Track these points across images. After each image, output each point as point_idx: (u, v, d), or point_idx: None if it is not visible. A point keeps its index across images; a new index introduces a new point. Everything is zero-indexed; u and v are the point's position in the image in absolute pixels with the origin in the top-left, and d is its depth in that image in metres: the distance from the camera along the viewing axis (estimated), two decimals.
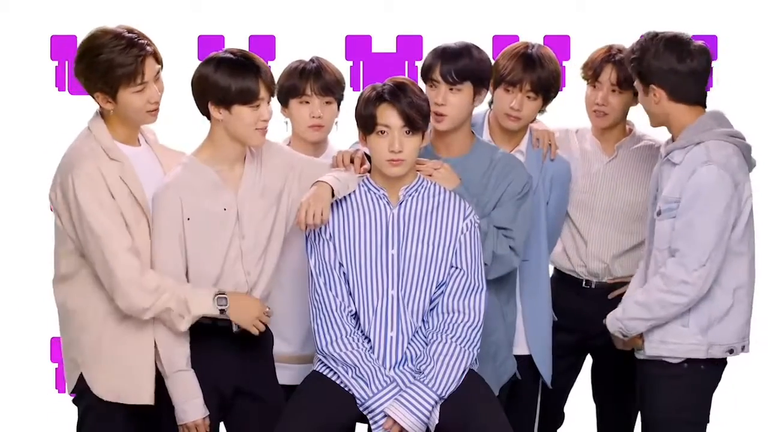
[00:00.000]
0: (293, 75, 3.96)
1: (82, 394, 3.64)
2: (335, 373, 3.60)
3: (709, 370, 3.72)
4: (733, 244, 3.66)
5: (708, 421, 3.79)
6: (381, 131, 3.59)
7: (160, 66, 3.62)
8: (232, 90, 3.54)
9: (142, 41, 3.58)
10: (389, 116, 3.58)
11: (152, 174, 3.64)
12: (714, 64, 5.27)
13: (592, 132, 4.27)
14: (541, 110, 4.04)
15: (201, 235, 3.59)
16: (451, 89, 3.79)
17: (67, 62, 5.41)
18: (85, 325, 3.62)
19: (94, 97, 3.62)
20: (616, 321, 3.77)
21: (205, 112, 3.63)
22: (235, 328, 3.64)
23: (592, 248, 4.20)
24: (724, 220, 3.60)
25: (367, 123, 3.61)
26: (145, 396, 3.61)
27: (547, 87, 3.96)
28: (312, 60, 4.02)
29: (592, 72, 4.16)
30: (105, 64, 3.53)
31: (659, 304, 3.65)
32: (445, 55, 3.82)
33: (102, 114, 3.65)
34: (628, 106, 4.18)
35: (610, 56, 4.13)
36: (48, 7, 5.44)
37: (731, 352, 3.72)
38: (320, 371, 3.64)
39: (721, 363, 3.74)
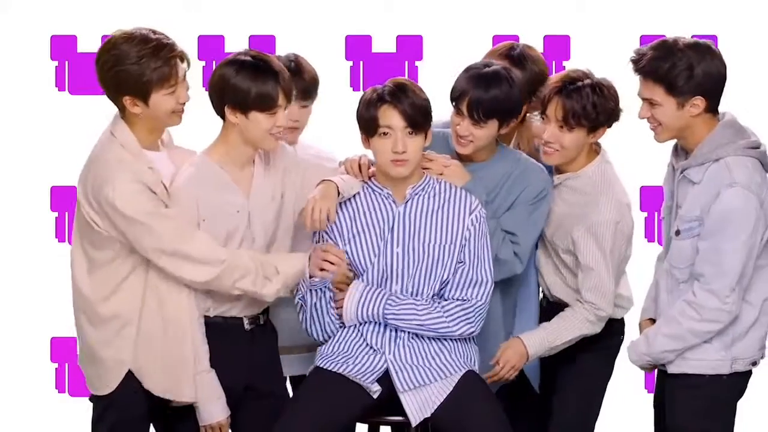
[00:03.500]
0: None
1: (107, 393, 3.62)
2: (335, 358, 3.63)
3: (732, 382, 3.61)
4: (757, 259, 3.54)
5: None
6: (384, 132, 3.58)
7: (187, 66, 3.59)
8: (252, 95, 3.52)
9: (169, 41, 3.54)
10: (391, 117, 3.57)
11: (169, 179, 3.61)
12: None
13: None
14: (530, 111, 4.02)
15: (215, 236, 3.58)
16: (474, 125, 3.72)
17: (67, 62, 5.41)
18: (137, 325, 3.58)
19: (119, 102, 3.57)
20: (643, 356, 3.64)
21: (221, 113, 3.61)
22: (247, 326, 3.65)
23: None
24: (752, 242, 3.47)
25: (369, 125, 3.60)
26: (188, 393, 3.60)
27: (532, 89, 3.89)
28: (289, 59, 3.94)
29: (540, 102, 3.79)
30: (138, 69, 3.49)
31: (692, 334, 3.53)
32: (477, 86, 3.69)
33: (123, 117, 3.60)
34: (581, 143, 3.75)
35: (561, 87, 3.71)
36: (48, 7, 5.44)
37: (754, 364, 3.63)
38: (322, 366, 3.64)
39: (746, 374, 3.64)
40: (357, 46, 5.34)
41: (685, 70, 3.48)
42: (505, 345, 3.77)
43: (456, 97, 3.74)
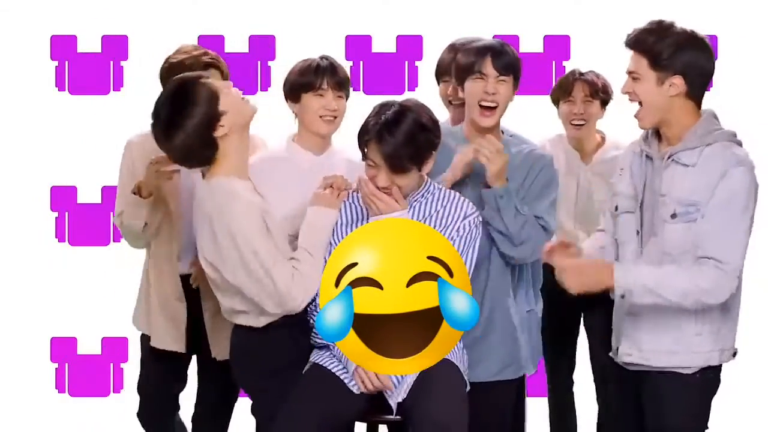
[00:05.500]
0: (307, 71, 3.95)
1: None
2: (333, 359, 3.60)
3: (716, 376, 3.60)
4: None
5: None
6: (370, 164, 3.55)
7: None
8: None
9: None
10: (375, 155, 3.52)
11: None
12: None
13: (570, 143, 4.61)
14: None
15: None
16: (498, 80, 3.75)
17: (67, 62, 5.42)
18: None
19: None
20: (642, 290, 3.44)
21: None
22: None
23: None
24: (751, 223, 3.49)
25: (361, 150, 3.58)
26: None
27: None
28: (324, 57, 4.01)
29: (562, 91, 4.55)
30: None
31: (693, 301, 3.44)
32: (492, 45, 3.78)
33: None
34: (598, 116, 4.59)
35: (576, 76, 4.56)
36: (48, 7, 5.45)
37: (734, 355, 3.61)
38: (320, 362, 3.64)
39: (719, 371, 3.61)
40: (357, 46, 5.35)
41: (671, 46, 3.51)
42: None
43: (473, 62, 3.75)
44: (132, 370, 5.46)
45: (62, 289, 5.45)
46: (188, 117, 3.45)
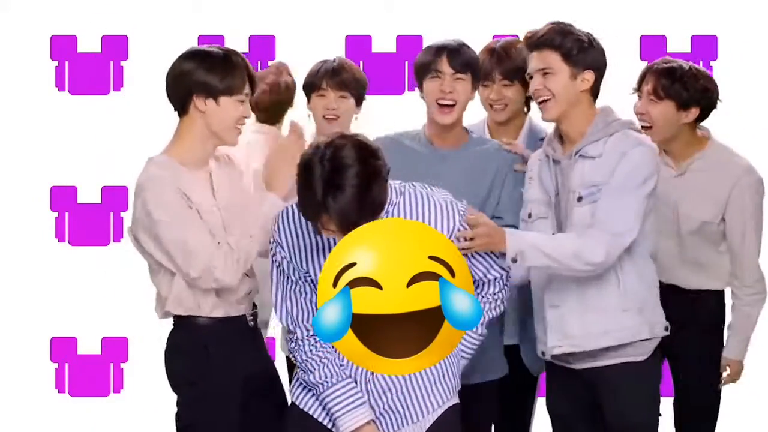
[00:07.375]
0: (312, 74, 4.15)
1: None
2: (313, 404, 3.50)
3: (655, 363, 3.66)
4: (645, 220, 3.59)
5: None
6: (329, 232, 3.27)
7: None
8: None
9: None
10: (329, 224, 3.22)
11: None
12: (714, 64, 5.30)
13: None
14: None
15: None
16: (455, 78, 3.78)
17: (67, 62, 5.42)
18: None
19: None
20: (533, 251, 3.44)
21: None
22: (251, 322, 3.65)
23: None
24: (649, 201, 3.54)
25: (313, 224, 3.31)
26: None
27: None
28: (333, 60, 4.18)
29: (637, 82, 4.04)
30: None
31: (584, 263, 3.46)
32: (449, 48, 3.82)
33: None
34: (671, 118, 3.96)
35: (655, 65, 3.99)
36: (48, 7, 5.45)
37: (667, 329, 3.66)
38: (300, 406, 3.50)
39: (657, 357, 3.67)
40: (357, 46, 5.35)
41: (577, 42, 3.61)
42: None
43: (429, 61, 3.79)
44: (132, 370, 5.48)
45: (62, 289, 5.45)
46: (203, 68, 3.48)
